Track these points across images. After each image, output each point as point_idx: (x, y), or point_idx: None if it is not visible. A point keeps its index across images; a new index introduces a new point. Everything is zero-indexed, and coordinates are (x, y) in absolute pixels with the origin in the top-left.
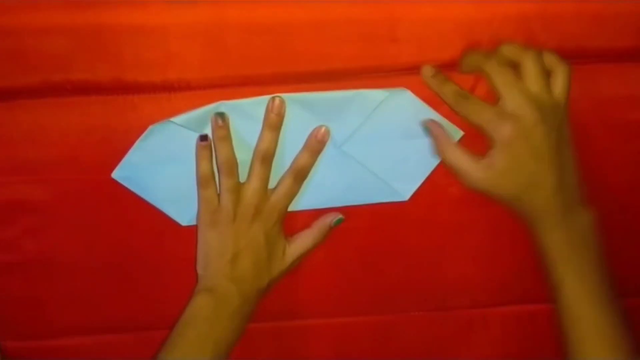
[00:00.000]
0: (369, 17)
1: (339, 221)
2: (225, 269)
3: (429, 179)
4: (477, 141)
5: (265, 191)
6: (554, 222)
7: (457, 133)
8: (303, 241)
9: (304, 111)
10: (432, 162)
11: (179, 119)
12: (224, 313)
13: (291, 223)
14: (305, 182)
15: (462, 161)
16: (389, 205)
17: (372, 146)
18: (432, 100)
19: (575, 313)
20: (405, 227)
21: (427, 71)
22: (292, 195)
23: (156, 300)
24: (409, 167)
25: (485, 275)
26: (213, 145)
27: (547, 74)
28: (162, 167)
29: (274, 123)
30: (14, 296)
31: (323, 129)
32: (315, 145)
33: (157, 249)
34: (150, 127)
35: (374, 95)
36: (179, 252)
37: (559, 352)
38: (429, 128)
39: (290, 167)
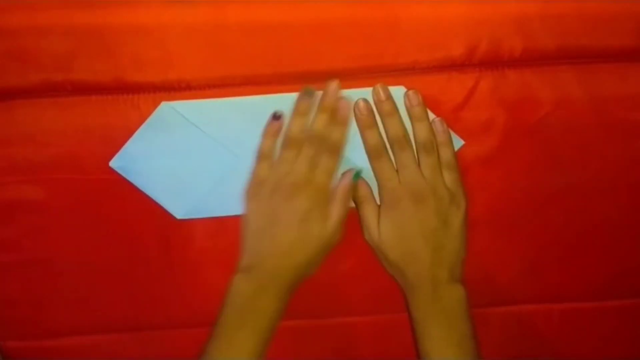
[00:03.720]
0: (368, 17)
1: (358, 175)
2: (261, 243)
3: None
4: (476, 143)
5: (310, 171)
6: (424, 297)
7: (458, 142)
8: (336, 213)
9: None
10: None
11: (180, 105)
12: (261, 291)
13: None
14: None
15: (370, 218)
16: None
17: None
18: (432, 100)
19: None
20: None
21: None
22: (329, 170)
23: (156, 300)
24: None
25: (485, 275)
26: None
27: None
28: (159, 158)
29: (326, 106)
30: (14, 296)
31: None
32: (339, 118)
33: (157, 249)
34: (149, 118)
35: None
36: (179, 252)
37: (558, 352)
38: (358, 185)
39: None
